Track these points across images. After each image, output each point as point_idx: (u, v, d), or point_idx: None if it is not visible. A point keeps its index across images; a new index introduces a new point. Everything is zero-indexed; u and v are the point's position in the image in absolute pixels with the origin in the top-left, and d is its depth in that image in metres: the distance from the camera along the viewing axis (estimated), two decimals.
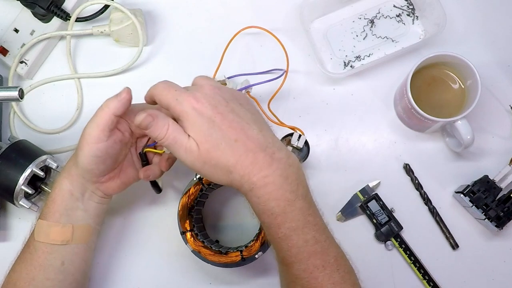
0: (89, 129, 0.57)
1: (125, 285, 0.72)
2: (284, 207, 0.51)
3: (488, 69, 0.72)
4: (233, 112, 0.52)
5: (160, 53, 0.77)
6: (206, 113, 0.51)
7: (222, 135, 0.51)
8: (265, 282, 0.71)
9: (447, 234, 0.70)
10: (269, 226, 0.52)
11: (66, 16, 0.74)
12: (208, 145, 0.51)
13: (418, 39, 0.74)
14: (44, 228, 0.60)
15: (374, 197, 0.71)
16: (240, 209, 0.72)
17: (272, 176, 0.50)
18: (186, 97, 0.52)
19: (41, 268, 0.60)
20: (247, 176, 0.51)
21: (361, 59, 0.75)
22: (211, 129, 0.51)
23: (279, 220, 0.51)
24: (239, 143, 0.51)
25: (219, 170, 0.52)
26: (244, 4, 0.77)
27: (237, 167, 0.51)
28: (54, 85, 0.77)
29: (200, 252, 0.65)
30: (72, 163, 0.61)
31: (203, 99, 0.51)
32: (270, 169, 0.51)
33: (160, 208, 0.73)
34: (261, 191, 0.51)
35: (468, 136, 0.65)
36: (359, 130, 0.74)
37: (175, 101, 0.51)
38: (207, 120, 0.51)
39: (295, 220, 0.51)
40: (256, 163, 0.51)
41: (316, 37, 0.75)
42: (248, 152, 0.51)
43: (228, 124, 0.51)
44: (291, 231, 0.51)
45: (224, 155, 0.51)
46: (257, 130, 0.52)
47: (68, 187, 0.60)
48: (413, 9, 0.75)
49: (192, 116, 0.51)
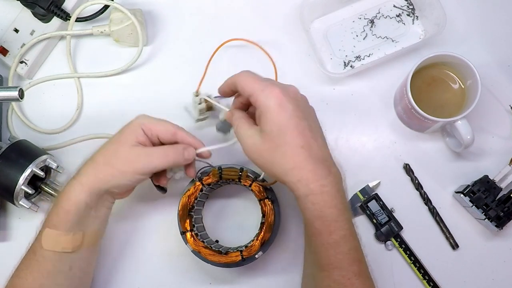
0: (144, 162, 0.58)
1: (125, 285, 0.72)
2: (337, 215, 0.54)
3: (488, 69, 0.72)
4: (307, 120, 0.55)
5: (160, 53, 0.77)
6: (286, 113, 0.53)
7: (291, 138, 0.53)
8: (265, 282, 0.71)
9: (447, 234, 0.70)
10: (320, 232, 0.54)
11: (66, 16, 0.74)
12: (274, 143, 0.53)
13: (418, 39, 0.74)
14: (54, 237, 0.59)
15: (374, 197, 0.71)
16: (240, 209, 0.72)
17: (328, 187, 0.53)
18: (272, 90, 0.54)
19: (49, 275, 0.59)
20: (304, 181, 0.53)
21: (361, 59, 0.75)
22: (284, 128, 0.53)
23: (332, 227, 0.53)
24: (304, 150, 0.53)
25: (276, 168, 0.55)
26: (244, 4, 0.77)
27: (294, 172, 0.53)
28: (54, 85, 0.77)
29: (200, 252, 0.65)
30: (91, 173, 0.59)
31: (287, 99, 0.54)
32: (327, 180, 0.53)
33: (160, 208, 0.73)
34: (318, 198, 0.53)
35: (468, 136, 0.65)
36: (359, 130, 0.74)
37: (261, 91, 0.54)
38: (283, 120, 0.53)
39: (345, 229, 0.54)
40: (315, 172, 0.53)
41: (316, 37, 0.75)
42: (309, 160, 0.53)
43: (300, 130, 0.53)
44: (340, 238, 0.54)
45: (285, 157, 0.53)
46: (321, 143, 0.56)
47: (86, 199, 0.59)
48: (413, 9, 0.75)
49: (273, 111, 0.53)
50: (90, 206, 0.60)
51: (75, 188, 0.59)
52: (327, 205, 0.53)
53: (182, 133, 0.61)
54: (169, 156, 0.59)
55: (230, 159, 0.70)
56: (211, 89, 0.73)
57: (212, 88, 0.73)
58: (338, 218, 0.54)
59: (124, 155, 0.59)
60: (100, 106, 0.76)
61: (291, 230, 0.71)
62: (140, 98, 0.76)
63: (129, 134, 0.60)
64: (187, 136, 0.62)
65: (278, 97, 0.53)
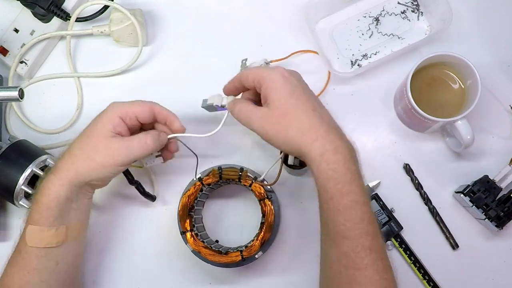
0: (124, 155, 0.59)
1: (125, 285, 0.72)
2: (351, 178, 0.53)
3: (488, 69, 0.72)
4: (313, 96, 0.58)
5: (160, 53, 0.77)
6: (291, 83, 0.56)
7: (302, 103, 0.55)
8: (265, 282, 0.71)
9: (447, 234, 0.70)
10: (332, 196, 0.53)
11: (66, 16, 0.74)
12: (286, 108, 0.55)
13: (424, 35, 0.74)
14: (37, 233, 0.58)
15: (374, 197, 0.71)
16: (240, 209, 0.72)
17: (342, 148, 0.54)
18: (276, 69, 0.57)
19: (35, 272, 0.59)
20: (320, 141, 0.54)
21: (368, 57, 0.75)
22: (293, 93, 0.56)
23: (344, 190, 0.52)
24: (316, 112, 0.55)
25: (290, 131, 0.55)
26: (244, 4, 0.77)
27: (311, 131, 0.54)
28: (54, 85, 0.77)
29: (200, 252, 0.65)
30: (71, 168, 0.59)
31: (289, 73, 0.58)
32: (341, 142, 0.54)
33: (160, 208, 0.73)
34: (333, 157, 0.53)
35: (468, 136, 0.65)
36: (359, 130, 0.74)
37: (266, 71, 0.57)
38: (290, 88, 0.56)
39: (358, 194, 0.53)
40: (330, 132, 0.54)
41: (322, 37, 0.75)
42: (323, 122, 0.55)
43: (307, 97, 0.56)
44: (353, 203, 0.52)
45: (300, 118, 0.55)
46: (327, 112, 0.58)
47: (66, 193, 0.58)
48: (418, 5, 0.75)
49: (278, 81, 0.56)
50: (70, 199, 0.59)
51: (55, 183, 0.58)
52: (341, 166, 0.53)
53: (157, 107, 0.63)
54: (147, 144, 0.60)
55: (229, 159, 0.70)
56: (212, 92, 0.73)
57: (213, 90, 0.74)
58: (352, 181, 0.53)
59: (104, 149, 0.59)
60: (100, 106, 0.75)
61: (291, 230, 0.71)
62: (140, 98, 0.75)
63: (106, 124, 0.60)
64: (162, 109, 0.63)
65: (281, 71, 0.57)
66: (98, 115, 0.61)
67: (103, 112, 0.61)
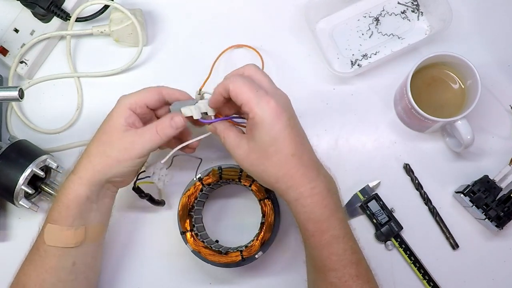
0: (139, 147, 0.58)
1: (125, 285, 0.72)
2: (329, 215, 0.54)
3: (488, 69, 0.72)
4: (298, 129, 0.55)
5: (160, 53, 0.77)
6: (280, 124, 0.53)
7: (283, 147, 0.53)
8: (265, 282, 0.71)
9: (447, 234, 0.70)
10: (313, 233, 0.54)
11: (66, 16, 0.74)
12: (265, 152, 0.53)
13: (424, 35, 0.74)
14: (56, 232, 0.59)
15: (374, 197, 0.71)
16: (240, 209, 0.72)
17: (318, 188, 0.54)
18: (267, 103, 0.53)
19: (52, 271, 0.59)
20: (294, 186, 0.54)
21: (368, 57, 0.75)
22: (277, 139, 0.53)
23: (324, 227, 0.54)
24: (295, 157, 0.53)
25: (266, 176, 0.55)
26: (245, 4, 0.77)
27: (285, 179, 0.54)
28: (54, 85, 0.77)
29: (200, 252, 0.65)
30: (89, 166, 0.59)
31: (281, 110, 0.53)
32: (317, 181, 0.54)
33: (160, 208, 0.73)
34: (308, 200, 0.54)
35: (468, 136, 0.65)
36: (359, 130, 0.74)
37: (256, 103, 0.53)
38: (277, 131, 0.53)
39: (338, 229, 0.54)
40: (305, 176, 0.54)
41: (322, 37, 0.75)
42: (300, 166, 0.54)
43: (292, 138, 0.53)
44: (333, 238, 0.54)
45: (276, 166, 0.54)
46: (309, 147, 0.56)
47: (86, 193, 0.58)
48: (418, 5, 0.75)
49: (267, 124, 0.53)
50: (91, 199, 0.59)
51: (74, 182, 0.58)
52: (318, 205, 0.54)
53: (165, 89, 0.61)
54: (161, 132, 0.58)
55: (229, 159, 0.70)
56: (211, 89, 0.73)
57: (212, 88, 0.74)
58: (330, 218, 0.54)
59: (118, 144, 0.58)
60: (100, 106, 0.75)
61: (291, 230, 0.71)
62: None
63: (117, 118, 0.59)
64: (171, 90, 0.62)
65: (273, 109, 0.53)
66: (111, 110, 0.61)
67: (114, 106, 0.61)
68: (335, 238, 0.54)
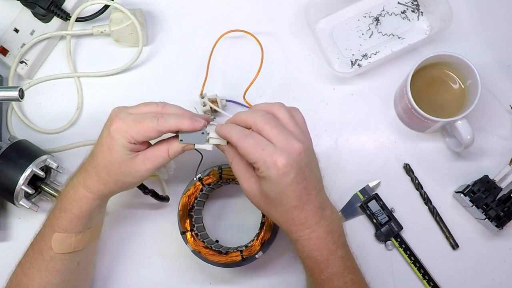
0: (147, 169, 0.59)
1: (125, 285, 0.72)
2: (327, 255, 0.55)
3: (488, 69, 0.72)
4: (306, 180, 0.54)
5: (160, 53, 0.77)
6: (285, 182, 0.52)
7: (287, 201, 0.54)
8: (265, 282, 0.71)
9: (447, 234, 0.70)
10: (312, 270, 0.56)
11: (66, 16, 0.74)
12: (270, 201, 0.54)
13: (424, 35, 0.74)
14: (65, 240, 0.60)
15: (374, 197, 0.71)
16: (240, 209, 0.72)
17: (317, 232, 0.55)
18: (274, 162, 0.51)
19: (57, 273, 0.61)
20: (294, 231, 0.55)
21: (368, 57, 0.75)
22: (281, 194, 0.53)
23: (322, 266, 0.56)
24: (297, 209, 0.54)
25: (270, 216, 0.57)
26: (247, 4, 0.77)
27: (286, 225, 0.55)
28: (54, 85, 0.77)
29: (200, 252, 0.65)
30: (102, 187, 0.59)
31: (289, 167, 0.52)
32: (317, 226, 0.55)
33: (160, 208, 0.73)
34: (306, 243, 0.55)
35: (468, 136, 0.65)
36: (359, 130, 0.74)
37: (262, 163, 0.52)
38: (282, 188, 0.53)
39: (336, 266, 0.56)
40: (305, 223, 0.55)
41: (322, 37, 0.75)
42: (301, 215, 0.54)
43: (298, 192, 0.53)
44: (332, 275, 0.56)
45: (278, 214, 0.55)
46: (316, 194, 0.55)
47: (99, 204, 0.61)
48: (418, 5, 0.75)
49: (273, 181, 0.52)
50: (101, 206, 0.62)
51: (88, 197, 0.60)
52: (315, 248, 0.55)
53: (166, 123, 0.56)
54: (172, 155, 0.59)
55: None
56: (213, 89, 0.73)
57: (213, 88, 0.74)
58: (329, 258, 0.55)
59: (130, 171, 0.59)
60: (100, 106, 0.76)
61: None
62: (140, 98, 0.75)
63: (121, 150, 0.57)
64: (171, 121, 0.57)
65: (279, 169, 0.51)
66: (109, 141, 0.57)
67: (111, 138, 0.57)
68: (334, 274, 0.56)
